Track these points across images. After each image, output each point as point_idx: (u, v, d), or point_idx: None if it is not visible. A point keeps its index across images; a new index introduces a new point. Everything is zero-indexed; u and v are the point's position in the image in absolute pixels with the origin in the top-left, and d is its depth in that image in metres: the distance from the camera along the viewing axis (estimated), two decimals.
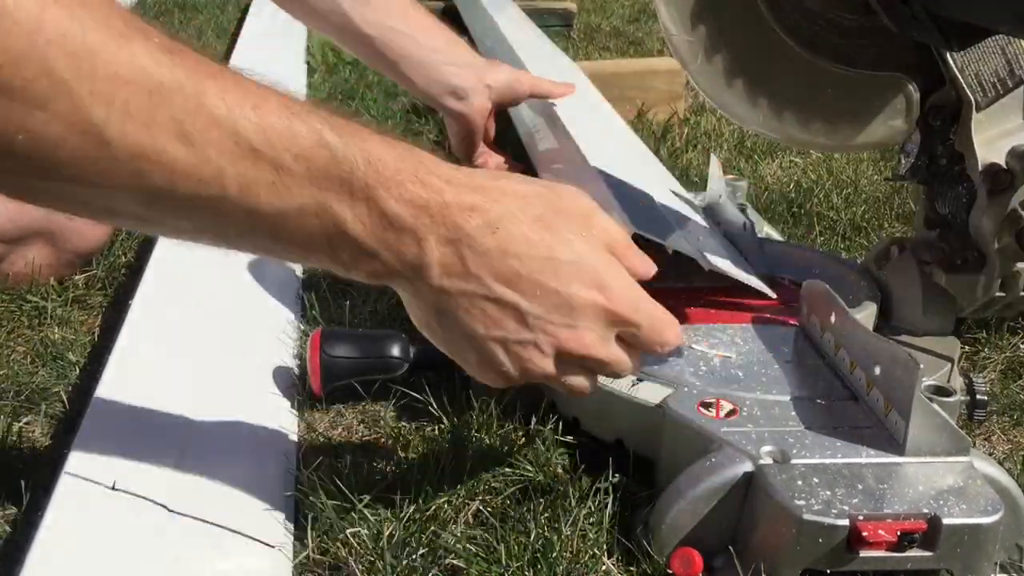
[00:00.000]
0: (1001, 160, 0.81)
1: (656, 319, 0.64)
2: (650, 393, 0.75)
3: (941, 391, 0.74)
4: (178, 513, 0.68)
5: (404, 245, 0.57)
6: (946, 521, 0.61)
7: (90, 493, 0.68)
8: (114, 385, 0.81)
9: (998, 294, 0.86)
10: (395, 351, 0.88)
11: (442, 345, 0.63)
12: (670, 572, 0.66)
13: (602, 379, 0.77)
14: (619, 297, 0.61)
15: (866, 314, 0.87)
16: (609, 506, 0.72)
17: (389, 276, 0.60)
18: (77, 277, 1.12)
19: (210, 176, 0.51)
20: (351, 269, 0.59)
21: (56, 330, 1.00)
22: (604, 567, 0.67)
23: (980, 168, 0.82)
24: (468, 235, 0.58)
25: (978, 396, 0.78)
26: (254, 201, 0.52)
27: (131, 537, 0.65)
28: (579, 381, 0.64)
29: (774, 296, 0.90)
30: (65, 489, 0.68)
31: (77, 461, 0.70)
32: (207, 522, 0.68)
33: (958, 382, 0.82)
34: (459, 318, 0.60)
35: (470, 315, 0.60)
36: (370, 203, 0.55)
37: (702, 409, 0.72)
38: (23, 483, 0.75)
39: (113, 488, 0.68)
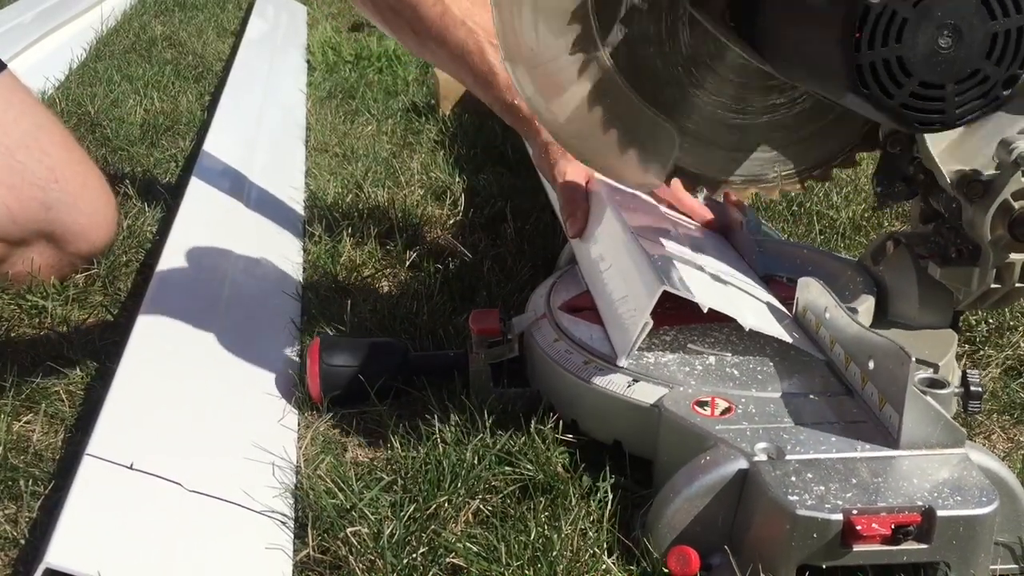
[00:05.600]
0: (970, 164, 0.81)
1: None
2: (645, 393, 0.75)
3: (935, 383, 0.74)
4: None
5: None
6: (940, 513, 0.62)
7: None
8: (123, 388, 0.81)
9: (993, 285, 0.85)
10: (394, 359, 0.88)
11: None
12: (667, 571, 0.66)
13: (597, 380, 0.77)
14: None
15: (864, 308, 0.87)
16: (609, 505, 0.72)
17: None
18: (77, 276, 1.12)
19: None
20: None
21: (56, 329, 1.01)
22: (604, 566, 0.67)
23: (949, 181, 0.81)
24: None
25: (972, 388, 0.78)
26: None
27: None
28: None
29: (804, 349, 0.81)
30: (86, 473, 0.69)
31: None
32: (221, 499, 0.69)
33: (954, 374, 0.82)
34: None
35: None
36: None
37: (697, 408, 0.73)
38: (23, 483, 0.76)
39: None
